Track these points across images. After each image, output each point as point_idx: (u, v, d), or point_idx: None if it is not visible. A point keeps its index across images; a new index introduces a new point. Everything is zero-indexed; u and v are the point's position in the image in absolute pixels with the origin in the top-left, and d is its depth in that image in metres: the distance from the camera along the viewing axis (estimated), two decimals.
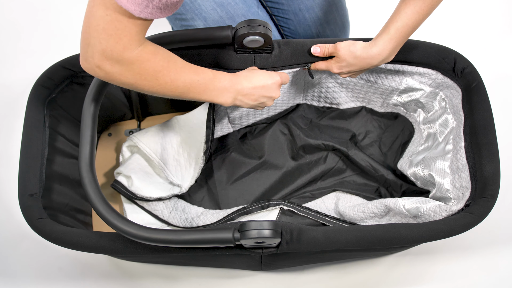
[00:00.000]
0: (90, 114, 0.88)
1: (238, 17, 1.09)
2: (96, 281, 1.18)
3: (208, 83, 0.85)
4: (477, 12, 1.51)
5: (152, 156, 1.12)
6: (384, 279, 1.18)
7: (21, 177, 0.90)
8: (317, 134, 1.21)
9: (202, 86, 0.84)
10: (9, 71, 1.43)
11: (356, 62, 0.94)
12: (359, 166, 1.18)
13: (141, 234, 0.79)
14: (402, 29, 0.88)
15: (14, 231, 1.22)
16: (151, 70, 0.77)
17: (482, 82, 0.97)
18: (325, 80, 1.12)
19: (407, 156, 1.15)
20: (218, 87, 0.86)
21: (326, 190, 1.18)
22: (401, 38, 0.89)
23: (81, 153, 0.85)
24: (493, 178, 0.89)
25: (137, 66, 0.76)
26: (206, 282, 1.17)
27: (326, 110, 1.22)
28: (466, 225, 0.86)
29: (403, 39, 0.90)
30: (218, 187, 1.18)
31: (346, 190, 1.17)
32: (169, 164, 1.13)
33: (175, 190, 1.12)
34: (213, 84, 0.86)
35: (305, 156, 1.20)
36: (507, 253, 1.20)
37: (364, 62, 0.93)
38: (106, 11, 0.69)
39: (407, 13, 0.87)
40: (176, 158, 1.13)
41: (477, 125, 0.94)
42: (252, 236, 0.78)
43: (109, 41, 0.72)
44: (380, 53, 0.91)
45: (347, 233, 0.84)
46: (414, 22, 0.88)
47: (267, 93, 0.93)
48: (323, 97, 1.18)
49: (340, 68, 0.97)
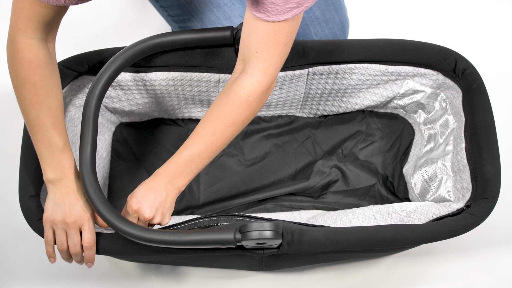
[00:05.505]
0: (90, 114, 0.88)
1: (235, 17, 1.09)
2: (96, 282, 1.18)
3: (47, 150, 0.82)
4: (478, 13, 1.51)
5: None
6: (384, 279, 1.18)
7: (22, 178, 0.90)
8: (309, 146, 1.21)
9: (44, 143, 0.81)
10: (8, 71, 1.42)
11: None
12: (347, 178, 1.18)
13: (141, 235, 0.79)
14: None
15: (14, 231, 1.22)
16: (25, 73, 0.77)
17: (483, 83, 0.97)
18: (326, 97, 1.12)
19: (412, 160, 1.15)
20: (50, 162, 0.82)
21: (306, 205, 1.18)
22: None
23: (81, 153, 0.85)
24: (494, 179, 0.89)
25: (18, 56, 0.75)
26: (206, 282, 1.17)
27: (323, 119, 1.22)
28: (466, 226, 0.87)
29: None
30: (201, 188, 1.18)
31: (326, 208, 1.17)
32: None
33: None
34: (51, 154, 0.82)
35: (294, 168, 1.20)
36: (508, 254, 1.20)
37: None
38: None
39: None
40: None
41: (477, 126, 0.94)
42: (253, 237, 0.78)
43: (13, 17, 0.74)
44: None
45: (348, 234, 0.85)
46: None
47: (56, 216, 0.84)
48: (321, 110, 1.18)
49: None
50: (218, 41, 0.95)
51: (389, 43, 1.00)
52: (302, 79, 1.05)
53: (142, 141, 1.21)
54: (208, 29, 0.95)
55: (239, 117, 0.82)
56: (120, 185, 1.18)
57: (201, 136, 0.83)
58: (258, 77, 0.80)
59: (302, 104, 1.16)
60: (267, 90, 0.82)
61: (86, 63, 0.98)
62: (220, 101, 0.82)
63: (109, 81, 0.91)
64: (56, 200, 0.83)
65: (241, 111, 0.81)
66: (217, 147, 0.84)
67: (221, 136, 0.83)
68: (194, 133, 0.84)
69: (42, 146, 0.81)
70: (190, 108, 1.15)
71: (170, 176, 0.84)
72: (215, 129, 0.82)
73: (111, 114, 1.17)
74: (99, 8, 1.49)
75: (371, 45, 1.00)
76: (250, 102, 0.81)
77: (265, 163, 1.20)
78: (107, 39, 1.45)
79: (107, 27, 1.46)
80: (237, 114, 0.81)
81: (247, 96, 0.80)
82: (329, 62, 1.02)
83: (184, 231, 0.81)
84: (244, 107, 0.81)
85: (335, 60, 1.01)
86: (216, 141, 0.83)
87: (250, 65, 0.80)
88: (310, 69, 1.02)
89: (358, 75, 1.05)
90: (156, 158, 1.20)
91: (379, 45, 1.00)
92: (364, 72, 1.04)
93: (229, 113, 0.81)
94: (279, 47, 0.77)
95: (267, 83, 0.80)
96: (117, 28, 1.48)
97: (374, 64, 1.02)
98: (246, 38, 0.79)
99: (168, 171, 0.84)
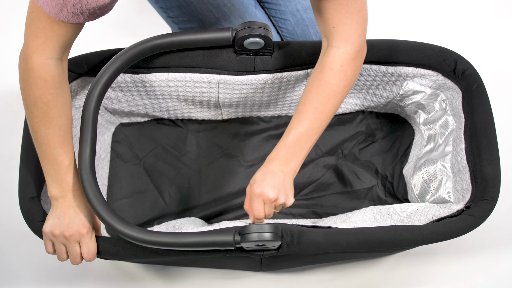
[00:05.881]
0: (90, 115, 0.88)
1: (235, 18, 1.09)
2: (96, 282, 1.18)
3: (54, 167, 0.83)
4: (478, 13, 1.51)
5: None
6: (384, 280, 1.18)
7: (21, 180, 0.90)
8: None
9: (50, 161, 0.83)
10: (9, 71, 1.42)
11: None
12: (345, 179, 1.18)
13: (141, 237, 0.79)
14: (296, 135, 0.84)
15: (14, 232, 1.22)
16: (39, 93, 0.77)
17: (483, 83, 0.96)
18: None
19: (412, 161, 1.15)
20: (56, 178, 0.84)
21: (304, 211, 1.18)
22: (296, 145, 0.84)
23: (81, 155, 0.85)
24: (494, 180, 0.89)
25: (34, 75, 0.76)
26: (206, 283, 1.17)
27: None
28: (466, 227, 0.86)
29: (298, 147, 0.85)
30: (201, 190, 1.18)
31: (325, 212, 1.16)
32: None
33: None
34: (59, 172, 0.84)
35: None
36: (508, 255, 1.20)
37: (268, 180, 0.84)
38: (33, 7, 0.71)
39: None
40: None
41: (477, 127, 0.94)
42: (252, 239, 0.78)
43: (29, 37, 0.74)
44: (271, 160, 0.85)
45: (347, 235, 0.85)
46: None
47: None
48: None
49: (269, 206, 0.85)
50: (218, 42, 0.95)
51: (388, 44, 1.00)
52: (301, 80, 1.05)
53: (141, 141, 1.21)
54: (207, 30, 0.95)
55: (337, 88, 0.84)
56: (119, 185, 1.18)
57: (305, 113, 0.84)
58: (343, 47, 0.82)
59: None
60: (357, 56, 0.84)
61: (86, 64, 0.98)
62: (316, 77, 0.84)
63: (109, 82, 0.91)
64: (57, 215, 0.85)
65: (338, 81, 0.83)
66: (322, 122, 0.85)
67: (323, 109, 0.84)
68: (297, 113, 0.85)
69: (48, 164, 0.83)
70: (190, 108, 1.15)
71: (282, 158, 0.84)
72: (317, 104, 0.84)
73: (111, 115, 1.17)
74: None
75: (371, 45, 1.00)
76: (344, 71, 0.83)
77: None
78: (106, 40, 1.45)
79: (106, 29, 1.46)
80: (335, 85, 0.83)
81: (339, 66, 0.83)
82: None
83: (183, 232, 0.81)
84: (340, 77, 0.83)
85: None
86: (320, 115, 0.84)
87: (332, 40, 0.82)
88: (309, 70, 1.02)
89: (358, 76, 1.05)
90: (156, 159, 1.20)
91: (379, 45, 1.00)
92: (364, 73, 1.04)
93: (327, 86, 0.83)
94: (352, 16, 0.79)
95: (354, 50, 0.83)
96: (116, 29, 1.48)
97: (374, 65, 1.02)
98: (319, 18, 0.82)
99: (279, 154, 0.84)
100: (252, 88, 1.05)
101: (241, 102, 1.11)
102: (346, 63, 0.83)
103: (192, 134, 1.21)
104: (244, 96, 1.08)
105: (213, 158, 1.20)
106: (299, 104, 0.85)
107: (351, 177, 1.19)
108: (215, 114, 1.18)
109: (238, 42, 0.93)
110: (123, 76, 1.02)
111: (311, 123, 0.84)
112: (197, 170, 1.19)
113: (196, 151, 1.20)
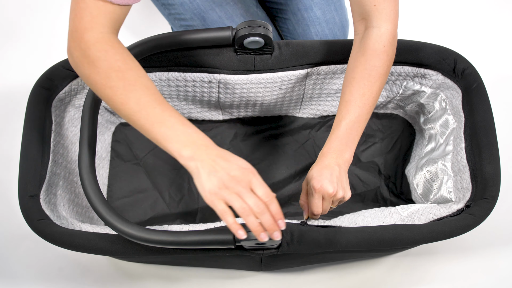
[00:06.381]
0: (90, 115, 0.88)
1: (237, 17, 1.09)
2: (96, 282, 1.18)
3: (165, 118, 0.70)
4: (478, 12, 1.51)
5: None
6: (384, 279, 1.18)
7: (21, 178, 0.90)
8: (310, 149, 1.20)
9: (159, 123, 0.70)
10: (9, 71, 1.43)
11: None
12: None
13: (141, 236, 0.79)
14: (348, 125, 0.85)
15: (14, 231, 1.22)
16: (106, 64, 0.71)
17: (483, 83, 0.97)
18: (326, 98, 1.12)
19: (414, 161, 1.15)
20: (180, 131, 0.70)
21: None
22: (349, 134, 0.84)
23: (81, 153, 0.85)
24: (494, 179, 0.89)
25: (92, 53, 0.71)
26: (206, 282, 1.17)
27: (323, 120, 1.22)
28: (466, 226, 0.87)
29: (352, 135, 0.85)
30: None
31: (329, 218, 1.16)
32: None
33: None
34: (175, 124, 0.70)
35: (294, 170, 1.19)
36: (508, 254, 1.20)
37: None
38: None
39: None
40: None
41: (477, 126, 0.94)
42: (252, 238, 0.78)
43: (75, 21, 0.72)
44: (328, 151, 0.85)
45: (347, 234, 0.84)
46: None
47: (236, 172, 0.69)
48: (321, 110, 1.18)
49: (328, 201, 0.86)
50: (218, 41, 0.95)
51: None
52: (301, 80, 1.05)
53: (141, 141, 1.21)
54: (207, 30, 0.95)
55: (382, 69, 0.84)
56: (119, 185, 1.18)
57: (352, 101, 0.84)
58: (385, 26, 0.83)
59: (302, 104, 1.16)
60: (396, 35, 0.85)
61: None
62: (358, 62, 0.84)
63: None
64: (205, 170, 0.69)
65: (382, 63, 0.84)
66: (370, 107, 0.85)
67: (370, 94, 0.84)
68: (343, 102, 0.85)
69: (159, 126, 0.69)
70: (190, 108, 1.15)
71: (336, 151, 0.84)
72: (363, 89, 0.84)
73: (111, 115, 1.17)
74: None
75: None
76: (386, 51, 0.84)
77: (265, 165, 1.20)
78: None
79: None
80: (379, 67, 0.84)
81: (382, 47, 0.83)
82: (328, 62, 1.02)
83: (183, 231, 0.81)
84: (383, 58, 0.84)
85: (334, 60, 1.01)
86: (368, 100, 0.84)
87: (373, 20, 0.83)
88: (309, 69, 1.02)
89: None
90: (156, 158, 1.20)
91: None
92: None
93: (371, 69, 0.83)
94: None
95: (394, 28, 0.84)
96: None
97: None
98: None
99: (333, 147, 0.84)
100: (252, 88, 1.05)
101: (242, 102, 1.11)
102: (388, 43, 0.83)
103: None
104: (244, 96, 1.08)
105: None
106: (344, 93, 0.85)
107: (354, 180, 1.19)
108: (215, 114, 1.18)
109: (238, 41, 0.94)
110: None
111: (360, 110, 0.84)
112: None
113: None
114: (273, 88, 1.06)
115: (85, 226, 0.93)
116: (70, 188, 1.03)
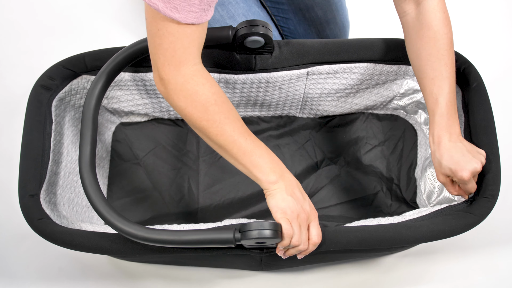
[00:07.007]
0: (90, 114, 0.88)
1: (239, 16, 1.09)
2: (96, 281, 1.18)
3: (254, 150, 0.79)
4: (477, 11, 1.51)
5: None
6: (384, 279, 1.18)
7: (21, 177, 0.90)
8: (310, 149, 1.20)
9: (252, 151, 0.79)
10: (9, 71, 1.43)
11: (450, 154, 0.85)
12: (349, 187, 1.17)
13: (141, 235, 0.79)
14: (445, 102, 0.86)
15: (14, 230, 1.22)
16: (203, 97, 0.75)
17: (482, 82, 0.97)
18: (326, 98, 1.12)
19: (421, 162, 1.15)
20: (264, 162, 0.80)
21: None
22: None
23: (81, 153, 0.85)
24: (494, 178, 0.89)
25: (190, 87, 0.74)
26: (206, 282, 1.17)
27: (323, 121, 1.22)
28: (466, 225, 0.87)
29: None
30: (200, 189, 1.18)
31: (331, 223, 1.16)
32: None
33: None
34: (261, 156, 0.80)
35: (294, 171, 1.19)
36: (508, 253, 1.20)
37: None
38: (158, 26, 0.70)
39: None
40: None
41: (477, 125, 0.94)
42: (253, 237, 0.78)
43: (166, 55, 0.73)
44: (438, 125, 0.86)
45: (347, 233, 0.85)
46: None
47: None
48: (321, 110, 1.18)
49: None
50: (218, 40, 0.95)
51: (388, 42, 1.00)
52: (301, 79, 1.05)
53: (142, 141, 1.21)
54: (208, 29, 0.95)
55: (450, 34, 0.86)
56: (119, 185, 1.18)
57: (439, 75, 0.85)
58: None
59: (302, 104, 1.16)
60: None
61: (86, 63, 0.98)
62: (426, 38, 0.86)
63: (109, 81, 0.91)
64: (284, 193, 0.79)
65: (449, 28, 0.86)
66: (454, 74, 0.87)
67: (451, 61, 0.86)
68: (429, 80, 0.86)
69: (252, 155, 0.79)
70: None
71: (447, 130, 0.85)
72: (443, 59, 0.85)
73: (111, 115, 1.17)
74: (99, 8, 1.49)
75: (371, 44, 1.00)
76: (447, 16, 0.86)
77: None
78: (107, 39, 1.45)
79: (107, 27, 1.47)
80: (448, 32, 0.86)
81: (443, 13, 0.85)
82: (328, 61, 1.02)
83: (183, 230, 0.81)
84: (448, 23, 0.86)
85: (334, 60, 1.01)
86: (451, 69, 0.86)
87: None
88: (309, 68, 1.02)
89: (357, 75, 1.05)
90: (156, 158, 1.20)
91: (379, 44, 1.00)
92: (363, 71, 1.04)
93: (442, 37, 0.85)
94: None
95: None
96: (117, 28, 1.48)
97: (374, 64, 1.02)
98: None
99: (442, 127, 0.85)
100: (253, 87, 1.05)
101: (242, 101, 1.11)
102: (445, 8, 0.86)
103: (192, 134, 1.21)
104: (244, 95, 1.08)
105: (213, 158, 1.20)
106: (425, 74, 0.86)
107: (355, 185, 1.19)
108: None
109: (238, 41, 0.94)
110: (123, 74, 1.02)
111: (449, 80, 0.85)
112: (197, 170, 1.19)
113: (196, 151, 1.20)
114: (273, 88, 1.06)
115: (85, 225, 0.93)
116: (70, 188, 1.03)
